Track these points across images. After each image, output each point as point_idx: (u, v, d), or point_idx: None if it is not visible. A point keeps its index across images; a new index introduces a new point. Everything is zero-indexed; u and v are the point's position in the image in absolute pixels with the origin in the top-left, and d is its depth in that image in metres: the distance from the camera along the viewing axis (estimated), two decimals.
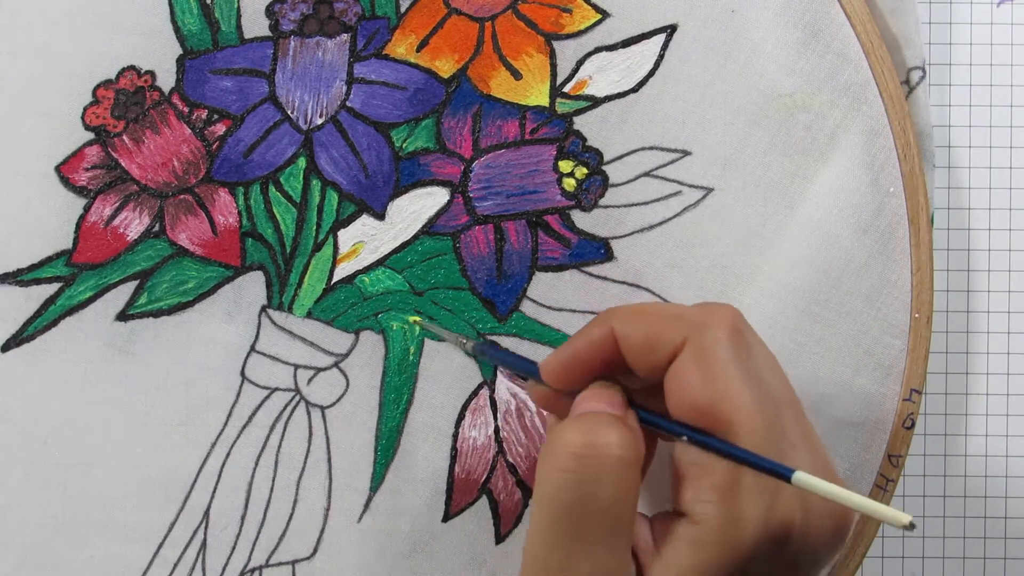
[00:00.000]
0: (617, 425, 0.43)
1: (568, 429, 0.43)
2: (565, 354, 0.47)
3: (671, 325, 0.45)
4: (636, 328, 0.45)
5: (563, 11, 0.56)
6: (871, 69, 0.56)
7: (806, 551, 0.43)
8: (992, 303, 0.62)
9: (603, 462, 0.42)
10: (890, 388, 0.56)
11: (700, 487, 0.42)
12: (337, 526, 0.56)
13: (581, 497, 0.42)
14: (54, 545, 0.55)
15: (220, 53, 0.56)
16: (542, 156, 0.56)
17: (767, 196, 0.56)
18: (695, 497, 0.42)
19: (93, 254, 0.55)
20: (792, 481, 0.40)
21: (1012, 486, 0.62)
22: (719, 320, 0.44)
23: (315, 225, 0.56)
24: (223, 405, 0.56)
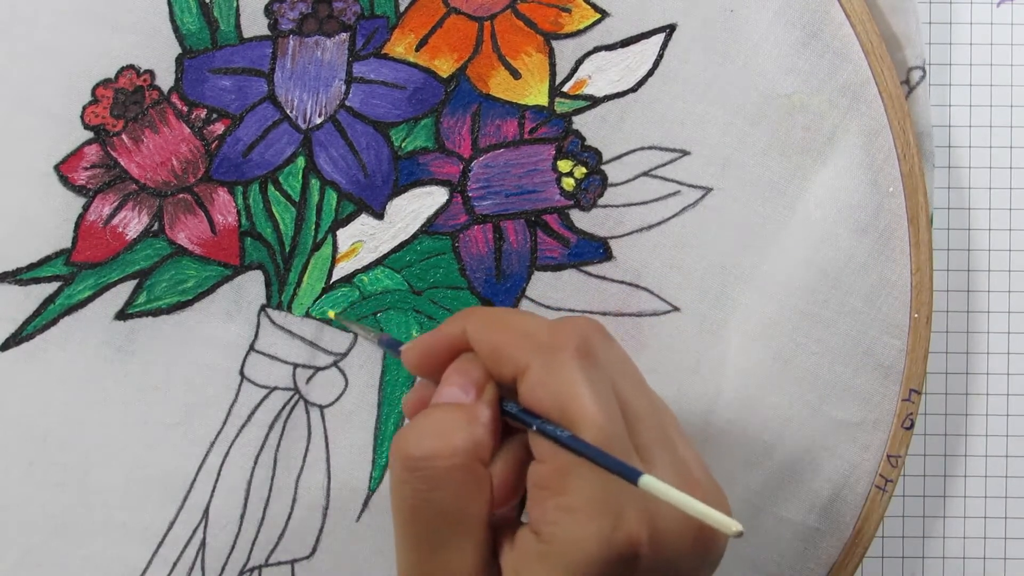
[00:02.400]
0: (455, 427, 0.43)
1: (407, 435, 0.43)
2: (422, 344, 0.47)
3: (518, 343, 0.45)
4: (486, 337, 0.45)
5: (562, 10, 0.56)
6: (871, 69, 0.56)
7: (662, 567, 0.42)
8: (992, 303, 0.62)
9: (435, 473, 0.42)
10: (889, 388, 0.56)
11: (547, 507, 0.42)
12: (336, 525, 0.56)
13: (419, 505, 0.42)
14: (53, 544, 0.56)
15: (219, 52, 0.56)
16: (541, 156, 0.56)
17: (766, 196, 0.56)
18: (543, 517, 0.42)
19: (92, 253, 0.56)
20: (639, 484, 0.40)
21: (1012, 486, 0.62)
22: (566, 341, 0.44)
23: (314, 224, 0.56)
24: (222, 404, 0.56)
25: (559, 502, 0.42)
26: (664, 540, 0.42)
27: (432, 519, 0.42)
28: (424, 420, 0.44)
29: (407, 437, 0.43)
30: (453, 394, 0.45)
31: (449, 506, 0.42)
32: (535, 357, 0.44)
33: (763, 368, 0.56)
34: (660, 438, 0.44)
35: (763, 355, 0.56)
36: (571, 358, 0.43)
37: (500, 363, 0.45)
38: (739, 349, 0.55)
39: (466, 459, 0.43)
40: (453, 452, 0.43)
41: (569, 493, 0.42)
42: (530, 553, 0.42)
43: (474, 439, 0.43)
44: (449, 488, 0.42)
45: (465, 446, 0.43)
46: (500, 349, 0.45)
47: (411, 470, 0.43)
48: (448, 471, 0.42)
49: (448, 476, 0.42)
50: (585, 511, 0.41)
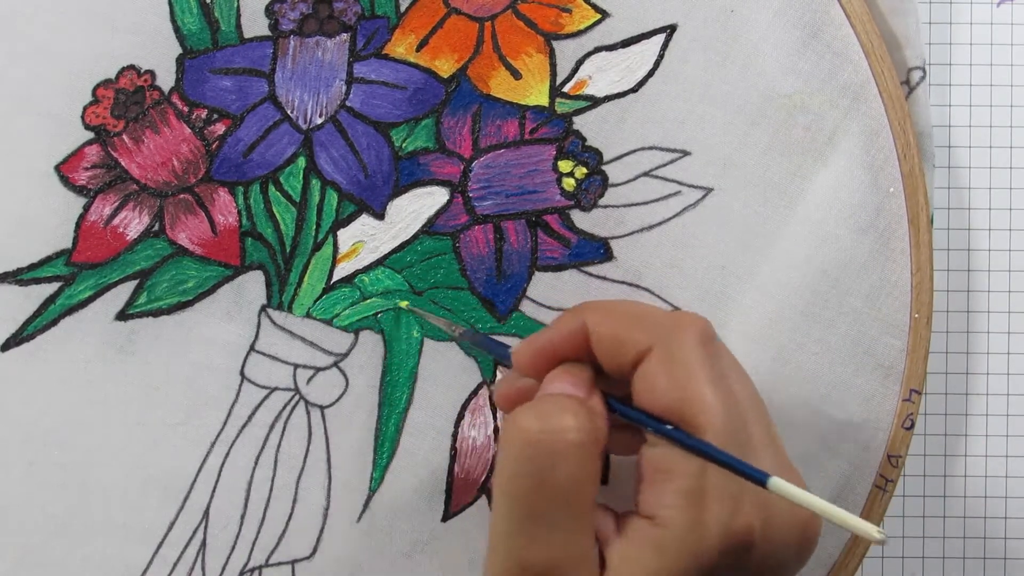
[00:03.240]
0: (574, 408, 0.43)
1: (524, 413, 0.43)
2: (537, 343, 0.47)
3: (640, 327, 0.45)
4: (606, 326, 0.46)
5: (563, 11, 0.56)
6: (871, 69, 0.56)
7: (769, 559, 0.43)
8: (992, 303, 0.62)
9: (557, 447, 0.42)
10: (890, 388, 0.56)
11: (665, 491, 0.42)
12: (336, 526, 0.56)
13: (537, 483, 0.42)
14: (53, 544, 0.55)
15: (220, 53, 0.56)
16: (542, 156, 0.56)
17: (767, 196, 0.56)
18: (659, 501, 0.42)
19: (93, 253, 0.55)
20: (767, 486, 0.40)
21: (1012, 486, 0.62)
22: (687, 326, 0.45)
23: (315, 225, 0.56)
24: (223, 405, 0.56)
25: (679, 486, 0.42)
26: (775, 531, 0.43)
27: (549, 497, 0.42)
28: (546, 401, 0.44)
29: (529, 413, 0.43)
30: (565, 388, 0.45)
31: (567, 484, 0.42)
32: (657, 340, 0.44)
33: (763, 368, 0.56)
34: (766, 435, 0.45)
35: (763, 355, 0.56)
36: (693, 343, 0.44)
37: (621, 349, 0.45)
38: (739, 349, 0.55)
39: (589, 438, 0.43)
40: (578, 428, 0.43)
41: (689, 478, 0.42)
42: (642, 539, 0.42)
43: (594, 424, 0.44)
44: (570, 465, 0.42)
45: (589, 427, 0.43)
46: (621, 334, 0.45)
47: (534, 444, 0.42)
48: (572, 447, 0.42)
49: (572, 452, 0.42)
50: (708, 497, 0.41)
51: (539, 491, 0.42)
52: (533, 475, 0.42)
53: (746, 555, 0.42)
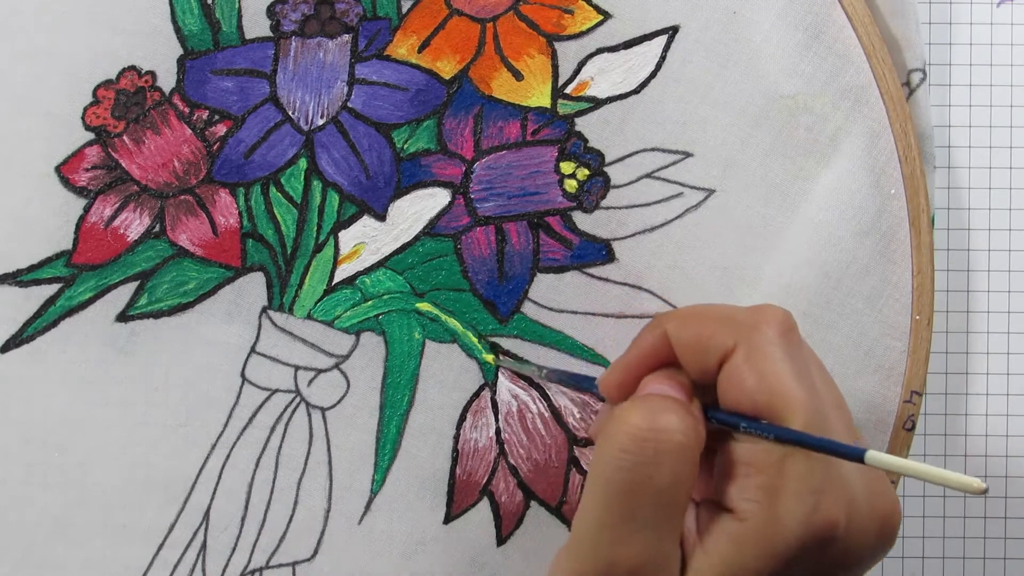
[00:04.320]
0: (680, 410, 0.44)
1: (631, 410, 0.44)
2: (622, 367, 0.48)
3: (723, 327, 0.45)
4: (688, 331, 0.46)
5: (565, 12, 0.56)
6: (872, 71, 0.56)
7: (849, 554, 0.43)
8: (992, 303, 0.62)
9: (663, 447, 0.42)
10: (890, 390, 0.56)
11: (747, 485, 0.43)
12: (337, 528, 0.56)
13: (638, 479, 0.42)
14: (53, 545, 0.55)
15: (221, 53, 0.56)
16: (543, 157, 0.56)
17: (768, 198, 0.56)
18: (740, 495, 0.43)
19: (93, 255, 0.55)
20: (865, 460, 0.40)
21: (1012, 486, 0.62)
22: (769, 320, 0.45)
23: (316, 226, 0.56)
24: (223, 406, 0.56)
25: (762, 481, 0.42)
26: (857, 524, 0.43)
27: (647, 496, 0.42)
28: (652, 400, 0.44)
29: (635, 412, 0.43)
30: (666, 390, 0.46)
31: (667, 485, 0.42)
32: (740, 338, 0.44)
33: None
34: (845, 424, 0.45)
35: None
36: (776, 337, 0.44)
37: (706, 351, 0.45)
38: None
39: (693, 440, 0.43)
40: (684, 429, 0.43)
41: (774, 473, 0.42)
42: (723, 533, 0.43)
43: (697, 426, 0.44)
44: (674, 466, 0.42)
45: (694, 428, 0.43)
46: (704, 337, 0.45)
47: (640, 441, 0.42)
48: (676, 447, 0.42)
49: (675, 453, 0.42)
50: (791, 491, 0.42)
51: (639, 489, 0.42)
52: (634, 473, 0.42)
53: (828, 549, 0.42)
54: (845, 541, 0.42)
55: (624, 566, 0.42)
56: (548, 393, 0.56)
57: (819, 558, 0.42)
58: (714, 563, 0.42)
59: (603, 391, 0.48)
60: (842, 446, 0.41)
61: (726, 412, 0.45)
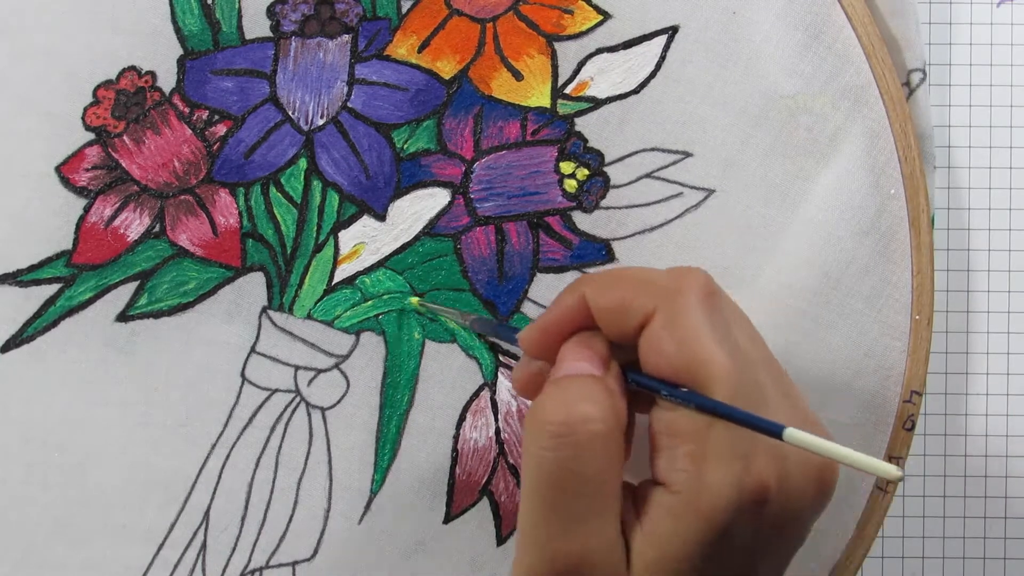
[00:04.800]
0: (596, 393, 0.43)
1: (546, 403, 0.43)
2: (541, 323, 0.47)
3: (642, 291, 0.44)
4: (607, 295, 0.45)
5: (564, 12, 0.56)
6: (872, 71, 0.56)
7: (788, 512, 0.42)
8: (992, 303, 0.62)
9: (583, 438, 0.42)
10: (890, 390, 0.56)
11: (674, 456, 0.42)
12: (337, 527, 0.56)
13: (563, 473, 0.42)
14: (54, 545, 0.55)
15: (221, 54, 0.56)
16: (543, 157, 0.56)
17: (768, 197, 0.56)
18: (670, 466, 0.42)
19: (93, 255, 0.55)
20: (783, 437, 0.40)
21: (1012, 486, 0.62)
22: (690, 284, 0.44)
23: (316, 226, 0.56)
24: (223, 406, 0.56)
25: (689, 450, 0.42)
26: (791, 483, 0.42)
27: (576, 489, 0.42)
28: (565, 388, 0.43)
29: (550, 404, 0.43)
30: (582, 367, 0.44)
31: (593, 475, 0.42)
32: (660, 302, 0.43)
33: None
34: (778, 387, 0.44)
35: None
36: (696, 301, 0.43)
37: (625, 316, 0.44)
38: None
39: (613, 424, 0.42)
40: (603, 417, 0.42)
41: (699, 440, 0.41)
42: (659, 507, 0.42)
43: (615, 407, 0.43)
44: (595, 455, 0.42)
45: (612, 411, 0.42)
46: (624, 301, 0.44)
47: (557, 436, 0.42)
48: (596, 437, 0.42)
49: (596, 442, 0.42)
50: (717, 456, 0.41)
51: (565, 484, 0.42)
52: (558, 468, 0.42)
53: (764, 510, 0.41)
54: (780, 501, 0.42)
55: (567, 558, 0.42)
56: None
57: (756, 521, 0.42)
58: (654, 541, 0.42)
59: (523, 347, 0.47)
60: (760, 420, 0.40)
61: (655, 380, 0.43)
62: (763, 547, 0.43)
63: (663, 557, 0.42)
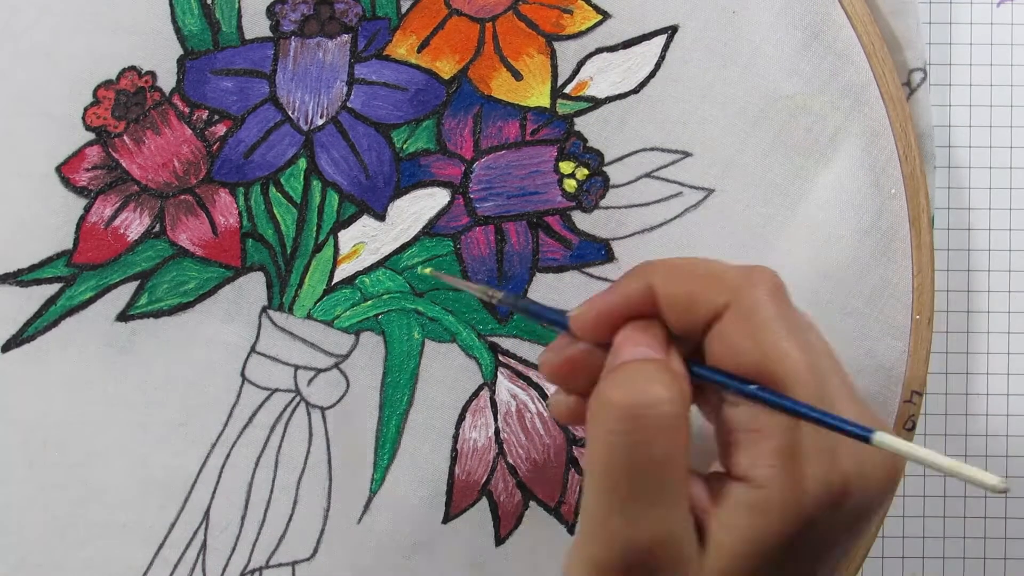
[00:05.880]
0: (663, 376, 0.42)
1: (612, 387, 0.42)
2: (599, 306, 0.45)
3: (713, 285, 0.43)
4: (676, 286, 0.44)
5: (564, 12, 0.56)
6: (872, 71, 0.56)
7: (864, 504, 0.42)
8: (992, 303, 0.62)
9: (653, 421, 0.41)
10: (891, 390, 0.56)
11: (758, 451, 0.41)
12: (337, 527, 0.56)
13: (635, 458, 0.41)
14: (54, 545, 0.56)
15: (221, 54, 0.56)
16: (543, 157, 0.56)
17: (768, 197, 0.56)
18: (753, 462, 0.41)
19: (93, 254, 0.55)
20: (872, 442, 0.39)
21: (1012, 486, 0.62)
22: (761, 279, 0.43)
23: (315, 226, 0.56)
24: (223, 406, 0.56)
25: (773, 445, 0.41)
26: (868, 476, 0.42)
27: (648, 472, 0.41)
28: (632, 370, 0.42)
29: (617, 388, 0.42)
30: (644, 352, 0.43)
31: (665, 458, 0.41)
32: (733, 297, 0.43)
33: None
34: (845, 386, 0.44)
35: None
36: (769, 298, 0.42)
37: (694, 309, 0.43)
38: None
39: (681, 407, 0.41)
40: (671, 398, 0.41)
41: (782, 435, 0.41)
42: (741, 503, 0.41)
43: (683, 391, 0.42)
44: (667, 438, 0.41)
45: (680, 394, 0.42)
46: (693, 294, 0.43)
47: (628, 419, 0.41)
48: (668, 418, 0.41)
49: (667, 424, 0.41)
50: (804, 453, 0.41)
51: (636, 468, 0.41)
52: (629, 452, 0.41)
53: (844, 503, 0.41)
54: (859, 493, 0.41)
55: (641, 545, 0.41)
56: (547, 393, 0.56)
57: (837, 514, 0.41)
58: (736, 536, 0.41)
59: (575, 328, 0.46)
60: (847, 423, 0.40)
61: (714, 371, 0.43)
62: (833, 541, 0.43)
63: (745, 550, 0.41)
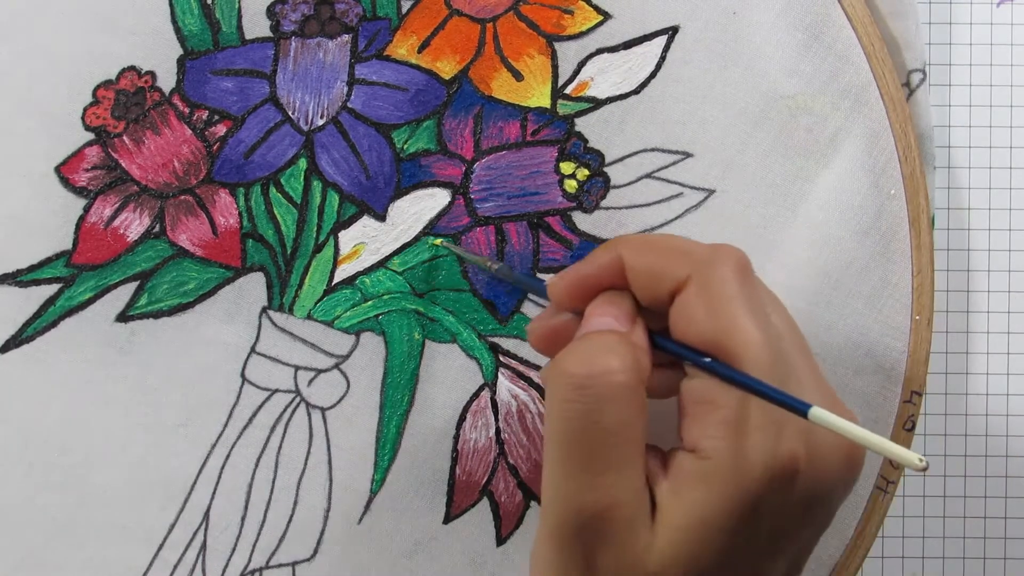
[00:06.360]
0: (618, 347, 0.43)
1: (568, 356, 0.43)
2: (572, 276, 0.47)
3: (678, 259, 0.45)
4: (643, 258, 0.45)
5: (564, 12, 0.56)
6: (872, 71, 0.56)
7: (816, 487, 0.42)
8: (992, 303, 0.62)
9: (605, 390, 0.42)
10: (890, 390, 0.56)
11: (707, 423, 0.42)
12: (337, 528, 0.56)
13: (587, 425, 0.42)
14: (54, 546, 0.55)
15: (221, 54, 0.56)
16: (543, 158, 0.56)
17: (768, 198, 0.56)
18: (702, 433, 0.42)
19: (93, 255, 0.55)
20: (808, 417, 0.40)
21: (1012, 486, 0.62)
22: (725, 257, 0.44)
23: (316, 226, 0.56)
24: (223, 406, 0.56)
25: (721, 417, 0.42)
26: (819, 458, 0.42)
27: (599, 440, 0.42)
28: (589, 341, 0.44)
29: (573, 357, 0.43)
30: (607, 323, 0.45)
31: (617, 426, 0.42)
32: (695, 271, 0.44)
33: None
34: (808, 366, 0.45)
35: None
36: (731, 274, 0.43)
37: (659, 281, 0.44)
38: None
39: (635, 377, 0.42)
40: (624, 368, 0.42)
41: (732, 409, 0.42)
42: (689, 473, 0.42)
43: (638, 362, 0.43)
44: (619, 406, 0.42)
45: (634, 365, 0.43)
46: (658, 267, 0.45)
47: (581, 388, 0.42)
48: (619, 388, 0.42)
49: (619, 393, 0.42)
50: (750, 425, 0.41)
51: (588, 436, 0.42)
52: (581, 420, 0.42)
53: (792, 483, 0.42)
54: (808, 474, 0.42)
55: (592, 509, 0.42)
56: None
57: (785, 495, 0.42)
58: (685, 505, 0.42)
59: (551, 296, 0.48)
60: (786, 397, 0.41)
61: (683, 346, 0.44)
62: (789, 527, 0.43)
63: (691, 522, 0.42)
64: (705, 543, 0.41)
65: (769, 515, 0.42)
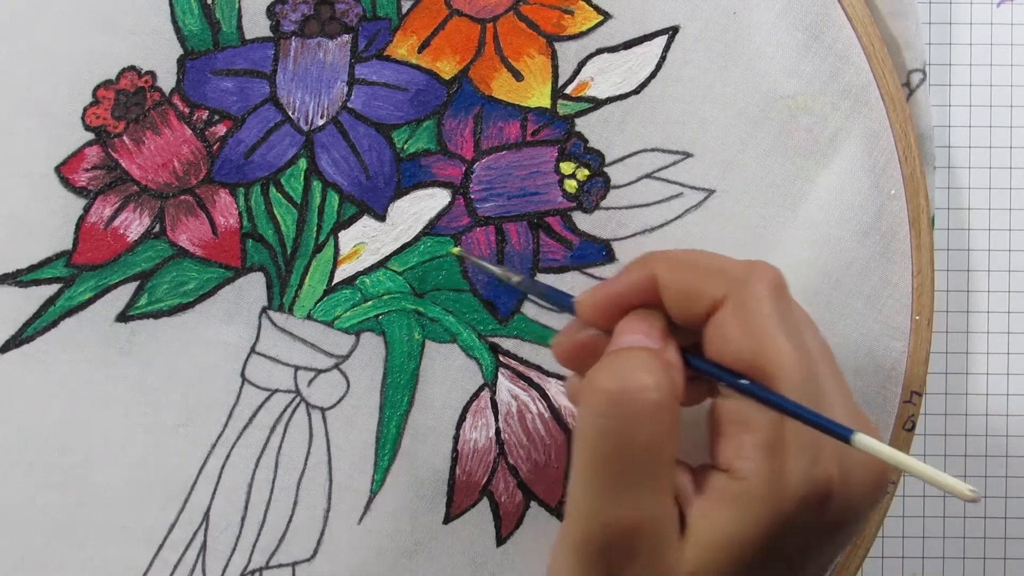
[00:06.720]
0: (652, 364, 0.43)
1: (601, 372, 0.43)
2: (603, 293, 0.47)
3: (713, 278, 0.44)
4: (678, 277, 0.45)
5: (565, 12, 0.56)
6: (872, 71, 0.56)
7: (846, 507, 0.42)
8: (992, 303, 0.62)
9: (638, 407, 0.42)
10: (890, 390, 0.56)
11: (742, 443, 0.42)
12: (337, 528, 0.56)
13: (619, 441, 0.42)
14: (54, 546, 0.55)
15: (221, 54, 0.56)
16: (543, 158, 0.56)
17: (768, 198, 0.56)
18: (737, 453, 0.42)
19: (93, 255, 0.55)
20: (852, 443, 0.40)
21: (1012, 486, 0.62)
22: (761, 275, 0.44)
23: (316, 226, 0.56)
24: (223, 406, 0.56)
25: (757, 438, 0.42)
26: (852, 479, 0.42)
27: (631, 456, 0.42)
28: (622, 357, 0.44)
29: (607, 372, 0.43)
30: (640, 340, 0.45)
31: (649, 443, 0.42)
32: (731, 290, 0.43)
33: None
34: (838, 387, 0.44)
35: None
36: (767, 293, 0.43)
37: (694, 300, 0.44)
38: None
39: (669, 395, 0.42)
40: (658, 386, 0.42)
41: (767, 429, 0.41)
42: (722, 493, 0.42)
43: (672, 380, 0.43)
44: (652, 424, 0.42)
45: (668, 383, 0.42)
46: (694, 286, 0.44)
47: (615, 404, 0.42)
48: (653, 405, 0.42)
49: (653, 411, 0.42)
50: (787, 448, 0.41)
51: (620, 452, 0.42)
52: (613, 436, 0.42)
53: (825, 505, 0.41)
54: (841, 496, 0.42)
55: (620, 525, 0.42)
56: (548, 393, 0.56)
57: (818, 516, 0.42)
58: (716, 524, 0.42)
59: (579, 311, 0.47)
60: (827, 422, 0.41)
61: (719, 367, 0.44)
62: (817, 543, 0.43)
63: (721, 541, 0.41)
64: (733, 562, 0.41)
65: (799, 535, 0.42)
